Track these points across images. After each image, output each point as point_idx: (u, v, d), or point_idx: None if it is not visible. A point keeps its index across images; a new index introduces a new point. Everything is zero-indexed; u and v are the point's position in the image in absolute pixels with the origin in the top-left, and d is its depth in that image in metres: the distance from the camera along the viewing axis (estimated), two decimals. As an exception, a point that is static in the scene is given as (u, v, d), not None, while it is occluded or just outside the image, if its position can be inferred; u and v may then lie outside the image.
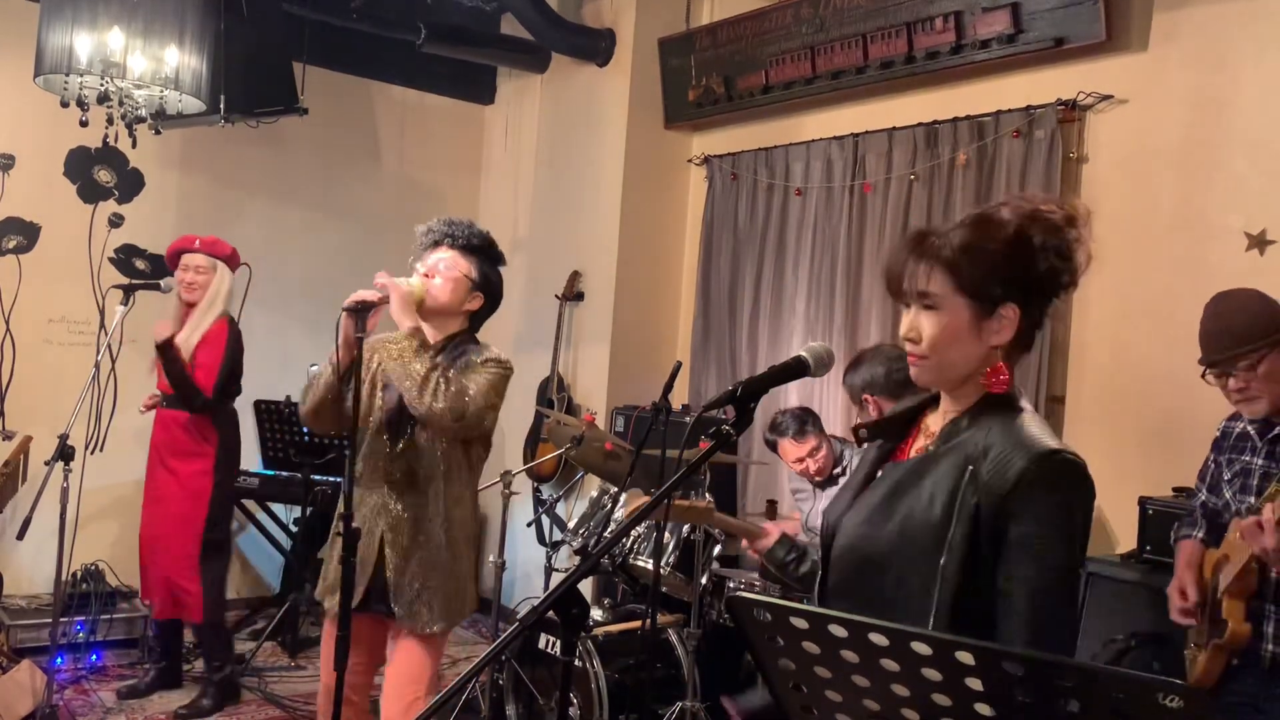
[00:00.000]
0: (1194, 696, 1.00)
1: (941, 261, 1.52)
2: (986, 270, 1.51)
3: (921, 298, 1.54)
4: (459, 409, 2.51)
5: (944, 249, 1.52)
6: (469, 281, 2.71)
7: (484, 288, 2.75)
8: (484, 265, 2.74)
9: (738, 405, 1.62)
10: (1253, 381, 2.32)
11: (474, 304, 2.74)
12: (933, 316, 1.54)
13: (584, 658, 3.39)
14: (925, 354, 1.56)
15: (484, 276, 2.74)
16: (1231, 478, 2.46)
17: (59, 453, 3.49)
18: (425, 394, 2.48)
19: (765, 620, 1.26)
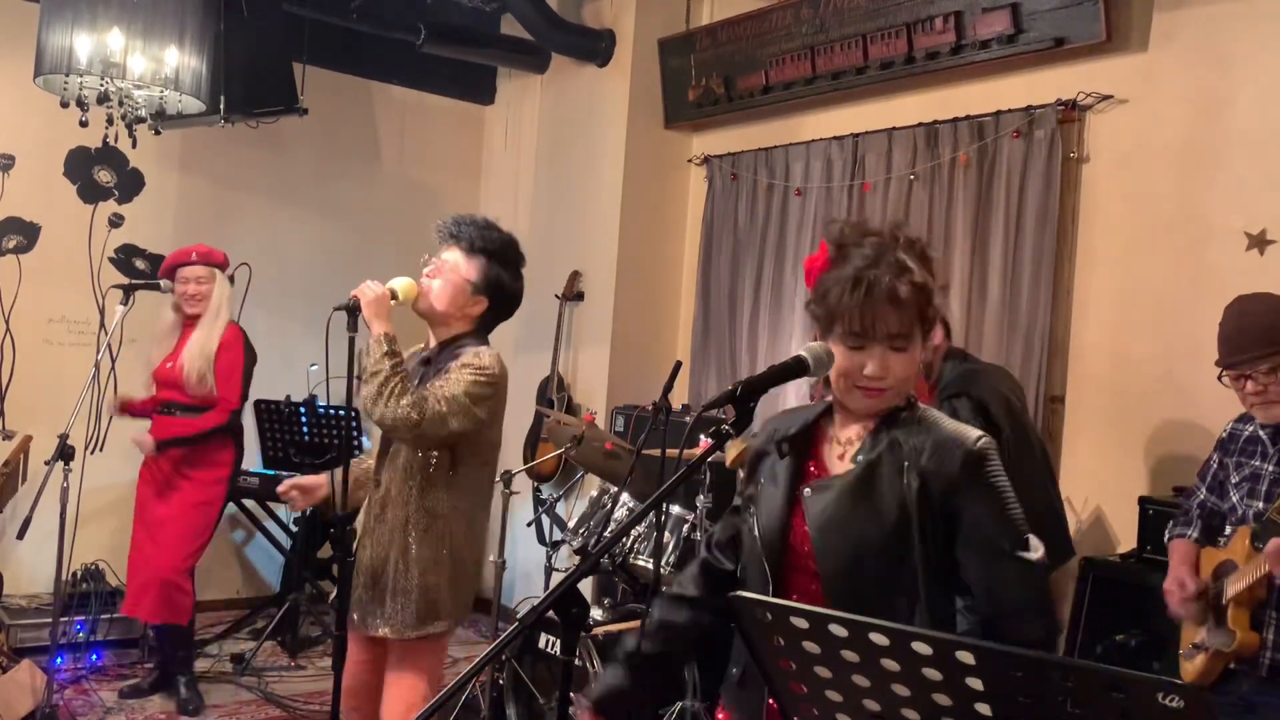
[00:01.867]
0: (1194, 696, 1.00)
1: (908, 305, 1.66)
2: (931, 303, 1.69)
3: (893, 339, 1.66)
4: (411, 417, 2.44)
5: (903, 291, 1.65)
6: (469, 285, 2.63)
7: (487, 291, 2.65)
8: (492, 268, 2.65)
9: (738, 405, 1.63)
10: (1271, 385, 2.31)
11: (475, 308, 2.65)
12: (901, 357, 1.67)
13: (584, 657, 3.39)
14: (890, 387, 1.68)
15: (488, 280, 2.64)
16: (1240, 481, 2.45)
17: (59, 453, 3.50)
18: (379, 401, 2.45)
19: (765, 620, 1.26)
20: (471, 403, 2.53)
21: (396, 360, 2.51)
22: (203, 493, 4.08)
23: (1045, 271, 3.66)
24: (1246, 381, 2.36)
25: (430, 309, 2.63)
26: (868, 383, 1.67)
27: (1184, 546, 2.57)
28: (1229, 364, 2.40)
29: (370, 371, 2.49)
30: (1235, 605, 2.29)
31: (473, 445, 2.64)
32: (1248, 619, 2.28)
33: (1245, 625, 2.27)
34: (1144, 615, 2.94)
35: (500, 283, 2.67)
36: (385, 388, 2.46)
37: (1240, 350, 2.36)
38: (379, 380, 2.47)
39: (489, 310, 2.68)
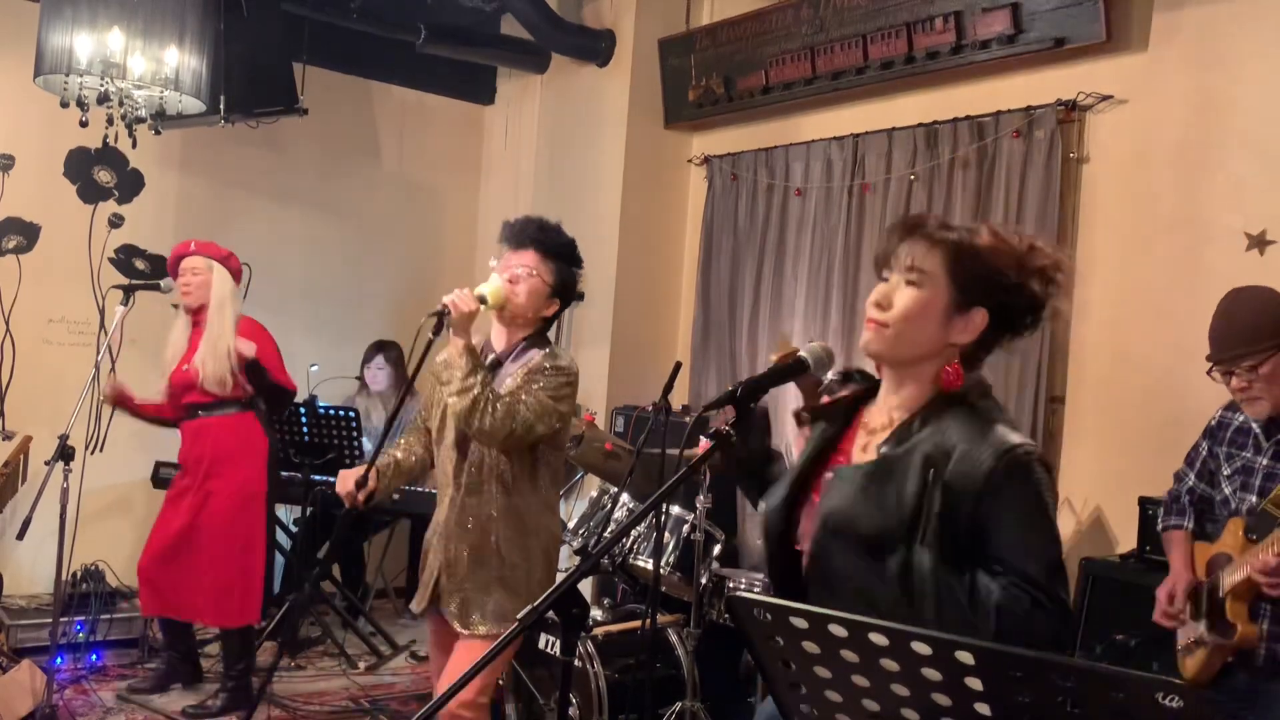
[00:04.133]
0: (1194, 696, 1.00)
1: (946, 245, 1.56)
2: (981, 268, 1.57)
3: (909, 271, 1.58)
4: (507, 428, 2.52)
5: (951, 234, 1.57)
6: (548, 288, 2.70)
7: (561, 294, 2.74)
8: (567, 271, 2.73)
9: (738, 405, 1.63)
10: (1254, 382, 2.33)
11: (549, 310, 2.73)
12: (911, 291, 1.58)
13: (584, 658, 3.39)
14: (887, 322, 1.59)
15: (563, 283, 2.73)
16: (1232, 474, 2.45)
17: (59, 453, 3.49)
18: (475, 415, 2.50)
19: (765, 620, 1.26)
20: (556, 404, 2.62)
21: (486, 374, 2.56)
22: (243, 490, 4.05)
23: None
24: (1232, 378, 2.37)
25: (514, 313, 2.68)
26: (870, 311, 1.61)
27: (1182, 541, 2.57)
28: (1215, 360, 2.41)
29: (462, 387, 2.51)
30: (1233, 598, 2.29)
31: (553, 442, 2.72)
32: (1247, 611, 2.28)
33: (1245, 618, 2.27)
34: (1144, 615, 2.93)
35: (570, 285, 2.76)
36: (480, 401, 2.50)
37: (1226, 347, 2.38)
38: (473, 395, 2.50)
39: (557, 312, 2.78)
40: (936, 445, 1.54)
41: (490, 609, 2.64)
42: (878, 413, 1.67)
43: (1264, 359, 2.30)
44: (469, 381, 2.51)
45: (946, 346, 1.59)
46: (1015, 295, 1.57)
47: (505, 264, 2.69)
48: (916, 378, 1.62)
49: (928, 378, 1.61)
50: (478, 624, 2.64)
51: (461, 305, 2.54)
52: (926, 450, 1.54)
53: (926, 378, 1.61)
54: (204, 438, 4.06)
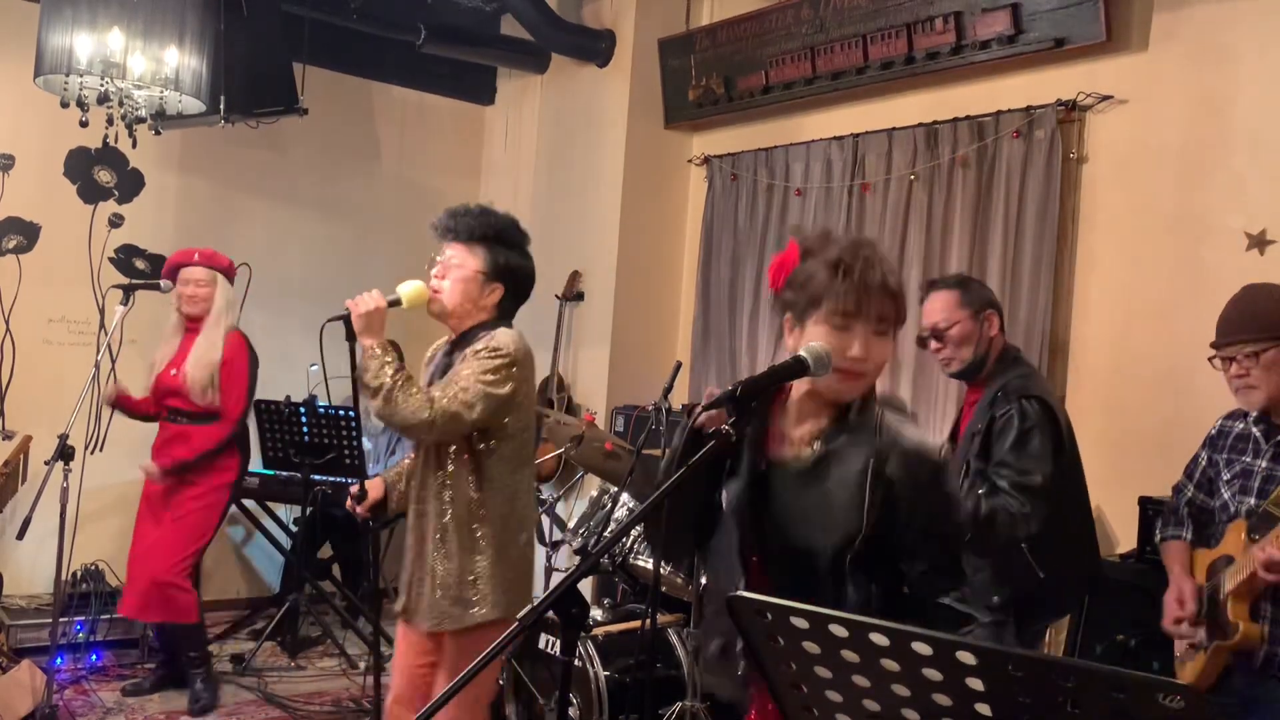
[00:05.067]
0: (1194, 696, 1.00)
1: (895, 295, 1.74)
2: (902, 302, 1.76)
3: (879, 322, 1.73)
4: (422, 419, 2.44)
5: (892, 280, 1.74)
6: (480, 276, 2.60)
7: (500, 277, 2.61)
8: (499, 253, 2.61)
9: (738, 405, 1.63)
10: (1253, 370, 2.33)
11: (491, 297, 2.62)
12: (884, 342, 1.75)
13: (584, 658, 3.39)
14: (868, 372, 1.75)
15: (497, 265, 2.60)
16: (1231, 479, 2.45)
17: (59, 453, 3.49)
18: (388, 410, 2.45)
19: (765, 620, 1.26)
20: (488, 386, 2.50)
21: (396, 366, 2.49)
22: (205, 497, 4.07)
23: (1045, 271, 3.66)
24: (1231, 365, 2.38)
25: (444, 310, 2.61)
26: (850, 364, 1.71)
27: (1181, 550, 2.55)
28: (1215, 345, 2.42)
29: (373, 386, 2.46)
30: (1234, 599, 2.28)
31: (501, 428, 2.60)
32: (1248, 611, 2.27)
33: (1246, 617, 2.26)
34: (1144, 615, 2.93)
35: (510, 265, 2.63)
36: (391, 396, 2.44)
37: (1227, 334, 2.39)
38: (384, 392, 2.45)
39: (505, 295, 2.65)
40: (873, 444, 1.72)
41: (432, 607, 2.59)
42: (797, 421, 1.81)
43: (1266, 347, 2.30)
44: (379, 379, 2.45)
45: None
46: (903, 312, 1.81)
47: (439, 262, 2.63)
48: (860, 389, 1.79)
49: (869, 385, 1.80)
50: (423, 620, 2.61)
51: (360, 305, 2.49)
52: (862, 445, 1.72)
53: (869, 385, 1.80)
54: (181, 444, 4.07)
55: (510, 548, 2.63)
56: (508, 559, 2.61)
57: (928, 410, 3.99)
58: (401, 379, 2.47)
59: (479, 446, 2.59)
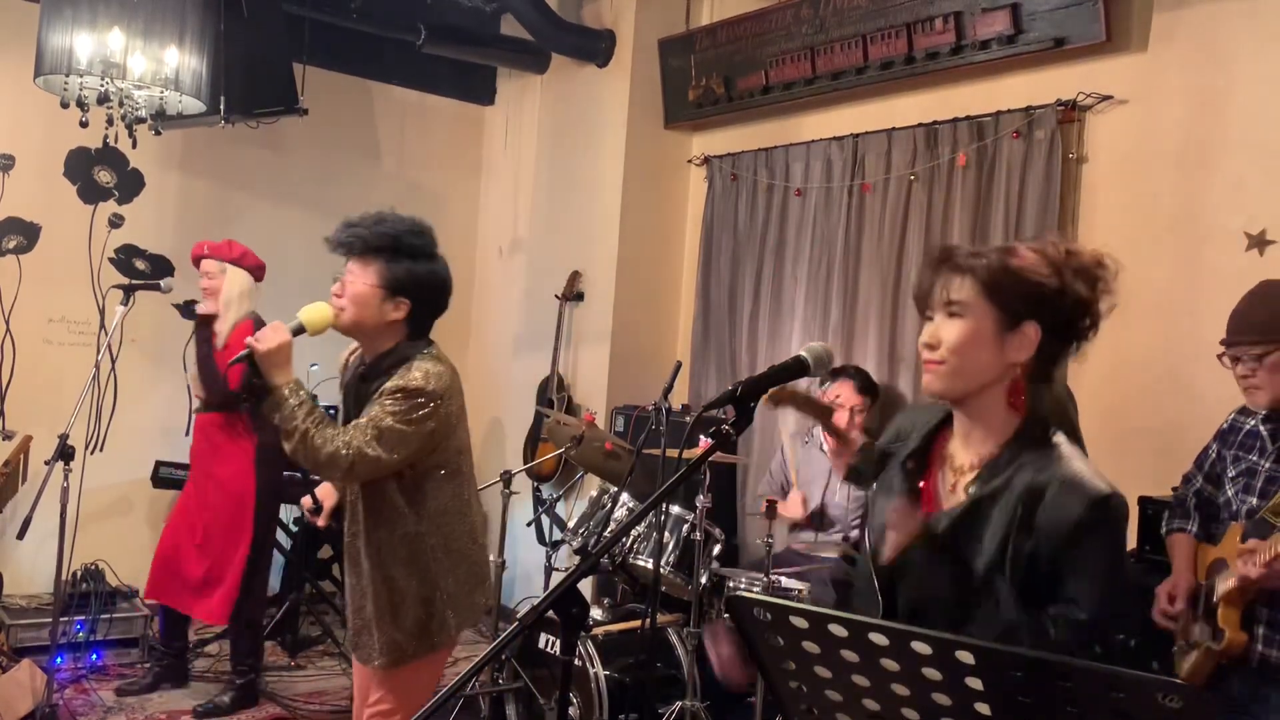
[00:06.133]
0: (1194, 696, 1.00)
1: (975, 271, 1.56)
2: (1017, 284, 1.55)
3: (948, 305, 1.58)
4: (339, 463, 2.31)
5: (979, 260, 1.57)
6: (378, 291, 2.40)
7: (402, 291, 2.41)
8: (397, 264, 2.41)
9: (738, 405, 1.63)
10: (1258, 371, 2.34)
11: (397, 313, 2.42)
12: (956, 323, 1.57)
13: (584, 658, 3.39)
14: (943, 359, 1.58)
15: (396, 279, 2.40)
16: (1236, 475, 2.45)
17: (59, 453, 3.49)
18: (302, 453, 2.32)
19: (765, 620, 1.26)
20: (406, 426, 2.34)
21: (309, 408, 2.34)
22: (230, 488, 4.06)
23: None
24: (1238, 364, 2.38)
25: (347, 329, 2.44)
26: (923, 354, 1.61)
27: (1185, 543, 2.56)
28: (1225, 343, 2.43)
29: (286, 429, 2.31)
30: (1225, 604, 2.30)
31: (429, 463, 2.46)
32: (1238, 618, 2.28)
33: (1235, 624, 2.28)
34: (1144, 615, 2.94)
35: (413, 276, 2.42)
36: (307, 440, 2.30)
37: (1236, 333, 2.40)
38: (297, 436, 2.30)
39: (414, 309, 2.45)
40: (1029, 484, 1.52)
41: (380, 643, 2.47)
42: (962, 451, 1.65)
43: (1270, 350, 2.31)
44: (290, 422, 2.31)
45: (1008, 368, 1.58)
46: (1060, 300, 1.57)
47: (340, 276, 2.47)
48: (990, 409, 1.60)
49: (1001, 407, 1.60)
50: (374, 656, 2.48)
51: (262, 343, 2.32)
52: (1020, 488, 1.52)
53: (1000, 407, 1.60)
54: (200, 435, 4.14)
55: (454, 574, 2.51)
56: (451, 587, 2.50)
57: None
58: (315, 421, 2.33)
59: (406, 481, 2.45)
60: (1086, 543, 1.49)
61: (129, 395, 4.89)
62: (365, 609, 2.51)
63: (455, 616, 2.52)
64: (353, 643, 2.57)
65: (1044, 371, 1.61)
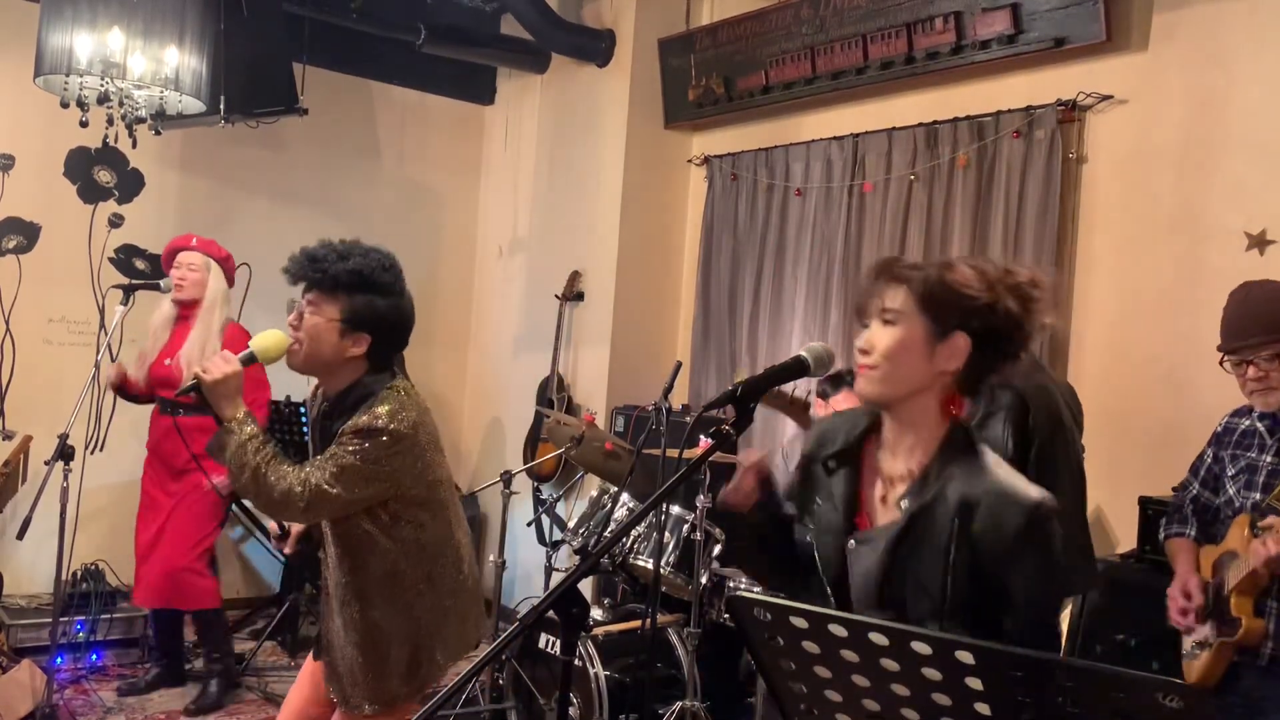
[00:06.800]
0: (1194, 696, 1.00)
1: (911, 282, 1.62)
2: (950, 296, 1.60)
3: (883, 313, 1.64)
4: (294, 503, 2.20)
5: (917, 272, 1.63)
6: (337, 326, 2.28)
7: (364, 326, 2.29)
8: (358, 299, 2.29)
9: (738, 405, 1.63)
10: (1272, 372, 2.31)
11: (357, 348, 2.30)
12: (890, 330, 1.63)
13: (584, 658, 3.39)
14: (875, 364, 1.63)
15: (356, 314, 2.28)
16: (1236, 474, 2.44)
17: (59, 453, 3.49)
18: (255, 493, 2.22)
19: (765, 620, 1.26)
20: (371, 465, 2.23)
21: (260, 440, 2.22)
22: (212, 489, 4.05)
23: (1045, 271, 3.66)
24: (1248, 368, 2.34)
25: (303, 365, 2.33)
26: (857, 359, 1.66)
27: (1186, 547, 2.54)
28: (1231, 349, 2.38)
29: (234, 466, 2.20)
30: (1238, 594, 2.27)
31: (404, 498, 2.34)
32: (1252, 606, 2.26)
33: (1250, 612, 2.25)
34: (1144, 615, 2.93)
35: (374, 311, 2.31)
36: (259, 476, 2.19)
37: (1243, 336, 2.35)
38: (247, 473, 2.19)
39: (374, 344, 2.33)
40: (962, 496, 1.57)
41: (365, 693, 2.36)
42: (892, 460, 1.69)
43: None
44: (239, 460, 2.19)
45: (937, 376, 1.63)
46: (991, 315, 1.61)
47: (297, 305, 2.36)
48: (920, 418, 1.65)
49: (932, 416, 1.64)
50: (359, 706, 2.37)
51: (211, 371, 2.21)
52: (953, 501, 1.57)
53: (931, 416, 1.64)
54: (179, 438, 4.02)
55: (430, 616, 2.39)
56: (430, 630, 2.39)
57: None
58: (267, 456, 2.21)
59: (380, 518, 2.34)
60: (1028, 549, 1.54)
61: (129, 395, 4.88)
62: (348, 655, 2.39)
63: (444, 652, 2.42)
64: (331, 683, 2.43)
65: (973, 383, 1.66)
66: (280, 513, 2.34)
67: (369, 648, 2.37)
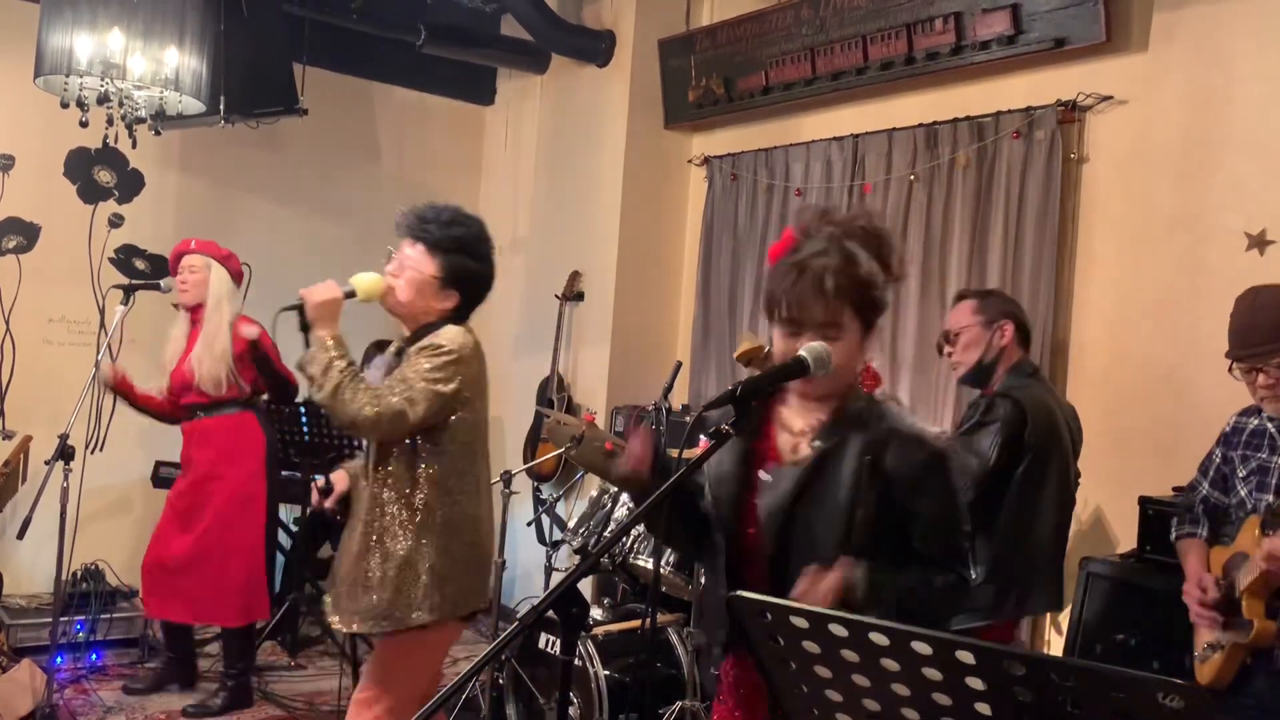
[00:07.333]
0: (1194, 696, 1.00)
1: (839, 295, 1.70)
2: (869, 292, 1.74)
3: (822, 328, 1.71)
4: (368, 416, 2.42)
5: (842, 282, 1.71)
6: (435, 281, 2.58)
7: (456, 284, 2.60)
8: (459, 261, 2.59)
9: (738, 405, 1.64)
10: None
11: (445, 302, 2.61)
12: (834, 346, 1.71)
13: (584, 657, 3.39)
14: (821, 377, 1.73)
15: (454, 273, 2.59)
16: (1247, 475, 2.41)
17: (59, 453, 3.50)
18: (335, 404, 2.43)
19: (766, 620, 1.26)
20: (432, 384, 2.48)
21: (345, 361, 2.48)
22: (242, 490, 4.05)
23: (1045, 272, 3.66)
24: (1258, 374, 2.32)
25: (397, 306, 2.60)
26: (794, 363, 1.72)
27: (1197, 547, 2.50)
28: (1240, 356, 2.36)
29: (319, 380, 2.44)
30: (1249, 595, 2.24)
31: (446, 426, 2.56)
32: (1263, 608, 2.23)
33: (1261, 614, 2.23)
34: (1144, 615, 2.93)
35: (468, 273, 2.61)
36: (339, 391, 2.43)
37: (1251, 344, 2.32)
38: (331, 386, 2.43)
39: (461, 302, 2.63)
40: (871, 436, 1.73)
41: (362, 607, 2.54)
42: (797, 418, 1.81)
43: None
44: (328, 374, 2.44)
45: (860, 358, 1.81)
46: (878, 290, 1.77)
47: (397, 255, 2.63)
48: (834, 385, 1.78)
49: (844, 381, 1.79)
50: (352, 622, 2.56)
51: (315, 295, 2.50)
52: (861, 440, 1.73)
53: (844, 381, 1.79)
54: (203, 439, 4.07)
55: (453, 549, 2.57)
56: (449, 561, 2.56)
57: (925, 412, 3.99)
58: (350, 374, 2.46)
59: (423, 446, 2.56)
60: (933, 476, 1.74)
61: (129, 395, 4.88)
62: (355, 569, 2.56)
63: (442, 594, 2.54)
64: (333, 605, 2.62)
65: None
66: (356, 429, 2.50)
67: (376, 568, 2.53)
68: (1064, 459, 2.93)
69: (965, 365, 3.00)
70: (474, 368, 2.58)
